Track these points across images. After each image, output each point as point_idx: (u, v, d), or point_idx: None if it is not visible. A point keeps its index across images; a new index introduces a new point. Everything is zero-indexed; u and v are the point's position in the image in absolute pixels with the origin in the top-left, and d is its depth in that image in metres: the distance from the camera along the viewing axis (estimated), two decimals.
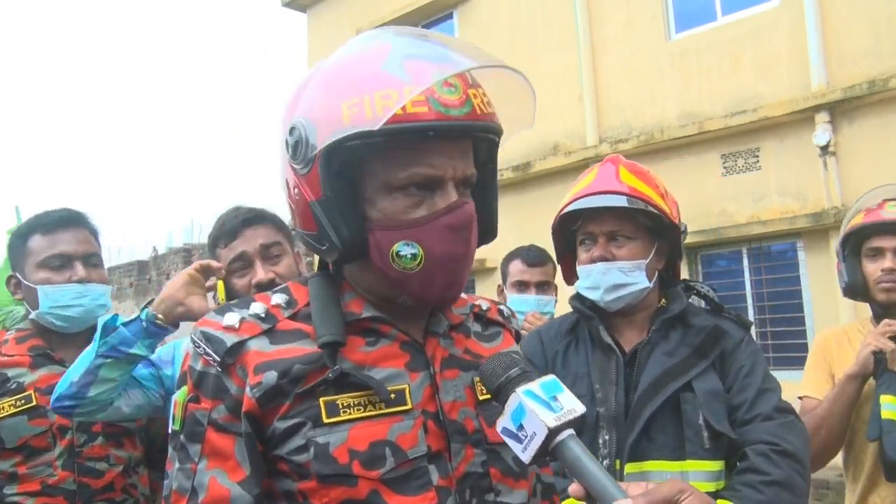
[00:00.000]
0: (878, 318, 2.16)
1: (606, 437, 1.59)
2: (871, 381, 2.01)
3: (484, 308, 1.18)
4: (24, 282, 1.92)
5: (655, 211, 1.67)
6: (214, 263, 1.74)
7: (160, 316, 1.66)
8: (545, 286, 2.67)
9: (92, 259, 1.96)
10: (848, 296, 2.20)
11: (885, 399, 1.95)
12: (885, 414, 1.93)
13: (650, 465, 1.57)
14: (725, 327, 1.72)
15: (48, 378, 1.86)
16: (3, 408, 1.81)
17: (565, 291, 2.02)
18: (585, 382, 1.66)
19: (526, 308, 2.57)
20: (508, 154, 9.32)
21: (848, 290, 2.18)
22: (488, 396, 1.02)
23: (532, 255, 2.71)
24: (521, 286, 2.65)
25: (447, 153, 0.95)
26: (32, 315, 1.93)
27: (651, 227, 1.71)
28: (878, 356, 1.97)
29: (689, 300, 1.80)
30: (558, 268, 1.97)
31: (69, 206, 2.02)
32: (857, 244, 2.16)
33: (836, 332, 2.28)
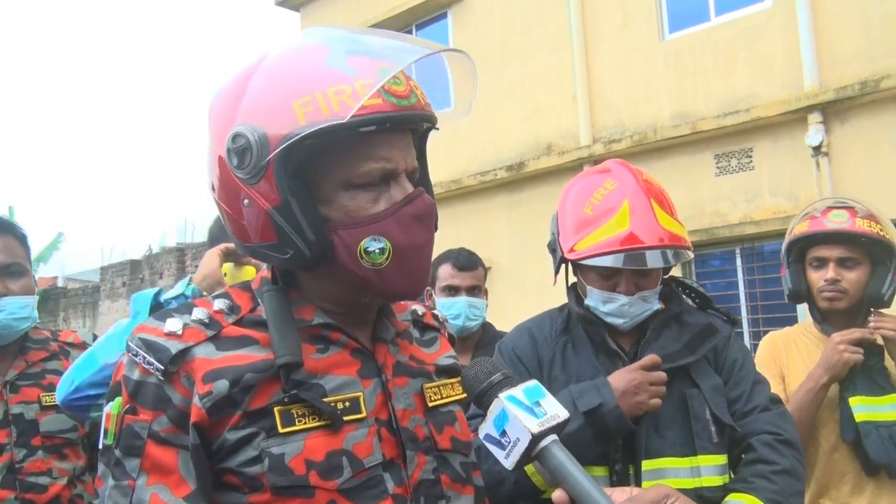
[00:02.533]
0: (817, 323, 2.20)
1: (620, 441, 1.58)
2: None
3: (420, 313, 1.18)
4: None
5: (692, 255, 1.68)
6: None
7: (205, 293, 1.57)
8: (475, 290, 2.63)
9: (12, 269, 1.86)
10: (792, 301, 2.22)
11: (854, 401, 1.98)
12: (860, 416, 1.96)
13: (664, 462, 1.57)
14: (714, 322, 1.73)
15: None
16: None
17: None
18: None
19: (456, 311, 2.53)
20: (502, 154, 9.32)
21: (792, 296, 2.20)
22: (437, 403, 1.04)
23: (463, 260, 2.64)
24: (451, 290, 2.59)
25: (396, 145, 0.95)
26: None
27: None
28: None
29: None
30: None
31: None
32: (801, 251, 2.18)
33: (783, 335, 2.30)
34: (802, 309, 7.92)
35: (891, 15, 6.82)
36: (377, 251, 0.93)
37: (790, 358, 2.20)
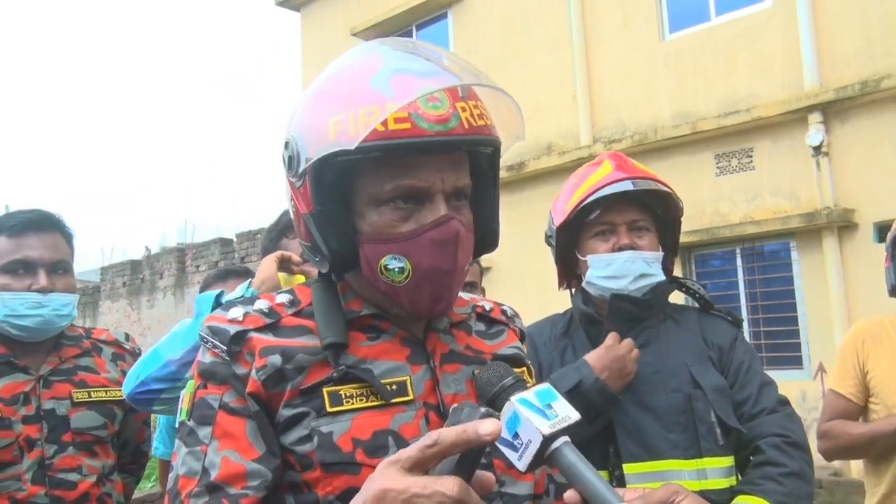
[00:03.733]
0: None
1: (612, 448, 1.60)
2: None
3: (487, 308, 1.20)
4: None
5: (671, 191, 1.72)
6: (295, 256, 1.71)
7: None
8: (469, 287, 2.68)
9: (58, 266, 1.88)
10: (894, 296, 2.15)
11: None
12: None
13: (669, 465, 1.57)
14: (716, 324, 1.75)
15: (11, 387, 1.81)
16: None
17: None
18: None
19: None
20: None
21: (894, 291, 2.14)
22: None
23: None
24: None
25: (434, 166, 0.95)
26: None
27: (660, 221, 1.75)
28: None
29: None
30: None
31: (42, 207, 1.94)
32: None
33: (874, 324, 2.21)
34: (803, 309, 7.91)
35: (891, 15, 6.83)
36: (396, 270, 0.95)
37: (879, 348, 2.13)
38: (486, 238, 1.07)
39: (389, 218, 0.95)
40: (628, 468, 1.58)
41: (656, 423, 1.60)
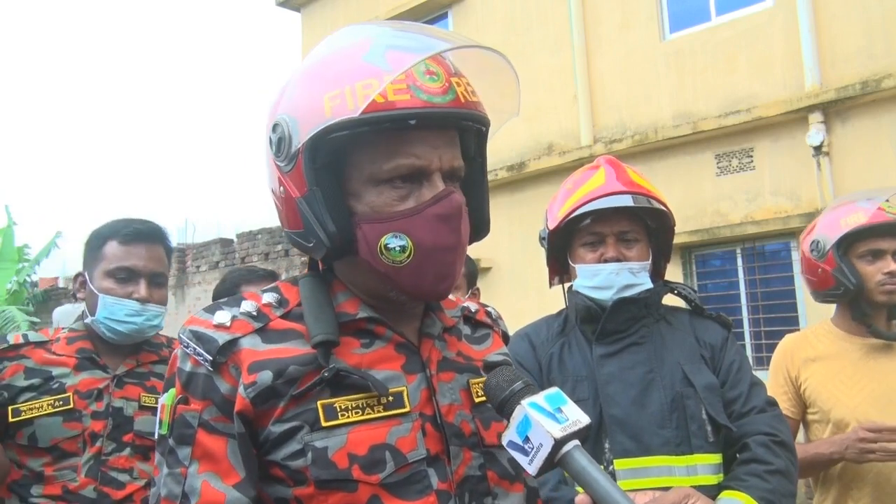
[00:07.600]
0: (855, 320, 2.16)
1: (607, 444, 1.60)
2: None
3: (472, 310, 1.18)
4: (90, 285, 1.93)
5: (665, 209, 1.72)
6: None
7: None
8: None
9: (158, 278, 1.97)
10: (846, 298, 2.17)
11: None
12: None
13: (660, 461, 1.59)
14: (708, 325, 1.78)
15: (89, 382, 1.89)
16: (42, 406, 1.83)
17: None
18: (586, 385, 1.67)
19: None
20: (503, 154, 9.33)
21: (853, 292, 2.12)
22: (483, 399, 1.01)
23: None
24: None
25: (431, 143, 0.93)
26: (87, 319, 1.95)
27: (651, 230, 1.76)
28: None
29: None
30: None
31: (151, 218, 2.03)
32: (848, 245, 2.14)
33: (798, 337, 2.32)
34: (804, 309, 7.87)
35: (892, 14, 6.83)
36: (397, 249, 0.92)
37: (807, 360, 2.20)
38: (479, 225, 1.06)
39: (389, 197, 0.93)
40: (619, 464, 1.59)
41: (650, 420, 1.61)
